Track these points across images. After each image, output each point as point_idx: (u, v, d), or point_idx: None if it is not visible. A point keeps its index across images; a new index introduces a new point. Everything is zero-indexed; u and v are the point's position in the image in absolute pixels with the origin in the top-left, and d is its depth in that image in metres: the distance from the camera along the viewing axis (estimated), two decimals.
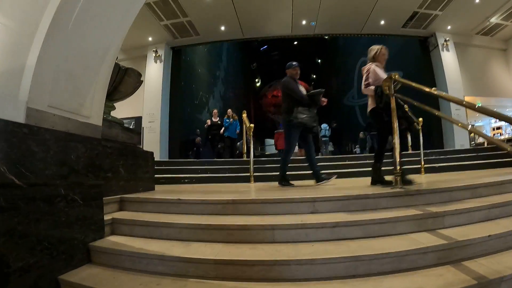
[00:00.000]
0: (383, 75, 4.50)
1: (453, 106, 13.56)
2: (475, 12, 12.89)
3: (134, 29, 13.39)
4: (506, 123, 20.47)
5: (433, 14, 12.89)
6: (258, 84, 43.77)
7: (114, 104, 4.85)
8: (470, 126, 7.46)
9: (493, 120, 21.19)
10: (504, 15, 13.01)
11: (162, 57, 14.52)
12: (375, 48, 4.86)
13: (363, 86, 4.83)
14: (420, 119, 7.92)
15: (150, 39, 14.36)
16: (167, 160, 8.95)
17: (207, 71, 20.95)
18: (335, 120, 17.80)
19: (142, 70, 14.18)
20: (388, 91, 4.14)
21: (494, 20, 13.35)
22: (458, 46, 14.45)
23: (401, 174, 3.99)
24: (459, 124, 4.03)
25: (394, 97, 4.11)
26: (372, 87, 4.57)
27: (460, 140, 13.70)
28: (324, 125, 15.05)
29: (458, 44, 14.46)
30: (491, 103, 17.13)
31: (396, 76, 4.07)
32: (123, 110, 14.56)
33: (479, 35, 14.77)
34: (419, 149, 7.95)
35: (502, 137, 19.62)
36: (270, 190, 4.56)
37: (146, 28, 13.49)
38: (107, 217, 3.28)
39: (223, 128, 12.62)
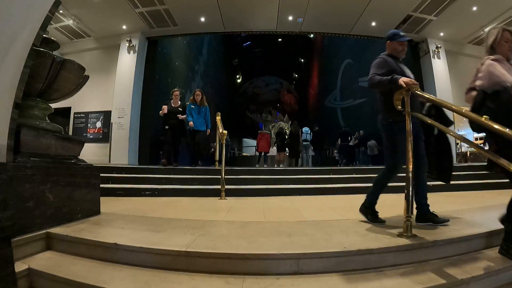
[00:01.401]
0: (505, 75, 2.82)
1: None
2: (470, 20, 12.35)
3: (107, 16, 12.51)
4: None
5: (427, 19, 12.24)
6: (239, 81, 43.05)
7: (55, 103, 3.83)
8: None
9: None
10: (499, 26, 12.36)
11: (136, 48, 13.32)
12: (494, 32, 3.14)
13: (466, 90, 3.30)
14: None
15: (124, 27, 13.18)
16: (128, 166, 7.48)
17: (185, 64, 19.80)
18: (317, 123, 16.94)
19: (114, 61, 13.38)
20: (400, 106, 3.20)
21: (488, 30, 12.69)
22: (449, 54, 13.90)
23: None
24: (451, 133, 3.13)
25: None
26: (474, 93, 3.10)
27: None
28: (305, 129, 14.13)
29: (449, 51, 13.91)
30: None
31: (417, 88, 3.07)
32: (90, 103, 13.79)
33: (471, 44, 14.31)
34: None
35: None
36: (243, 226, 3.61)
37: (120, 16, 12.37)
38: (22, 266, 2.42)
39: (184, 116, 9.16)
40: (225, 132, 6.50)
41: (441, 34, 13.24)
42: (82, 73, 3.82)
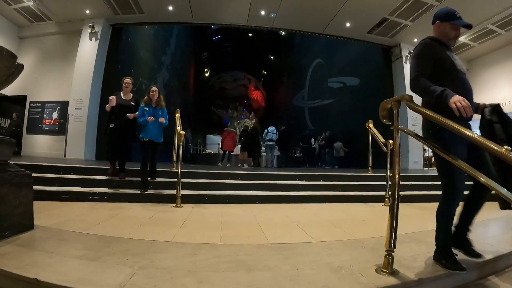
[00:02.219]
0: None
1: (410, 121, 12.97)
2: None
3: None
4: None
5: (403, 23, 12.09)
6: (207, 74, 42.27)
7: None
8: None
9: None
10: (472, 36, 12.74)
11: (99, 35, 12.41)
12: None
13: None
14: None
15: (87, 11, 12.22)
16: (78, 166, 6.31)
17: (151, 55, 18.88)
18: (284, 122, 16.55)
19: (75, 48, 12.46)
20: (385, 120, 2.75)
21: (462, 39, 12.97)
22: None
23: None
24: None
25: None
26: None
27: (415, 157, 13.15)
28: (271, 128, 13.53)
29: None
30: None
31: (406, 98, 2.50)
32: (47, 92, 12.97)
33: None
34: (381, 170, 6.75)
35: None
36: (194, 252, 3.07)
37: None
38: None
39: (134, 114, 6.37)
40: (183, 132, 5.87)
41: (415, 39, 13.10)
42: (13, 62, 3.15)
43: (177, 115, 6.51)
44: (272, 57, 39.79)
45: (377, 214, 5.12)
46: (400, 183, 2.59)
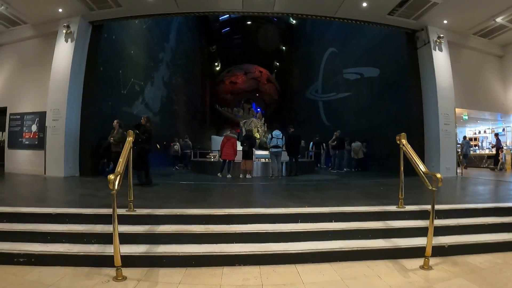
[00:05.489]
0: None
1: (441, 120, 11.01)
2: (481, 7, 10.35)
3: None
4: (481, 135, 18.81)
5: (431, 1, 9.95)
6: (218, 68, 40.68)
7: None
8: None
9: (468, 129, 19.44)
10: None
11: (75, 35, 10.83)
12: None
13: None
14: None
15: (60, 10, 10.69)
16: (13, 212, 4.82)
17: (144, 52, 17.10)
18: (292, 123, 14.68)
19: (51, 51, 11.05)
20: None
21: (499, 20, 11.01)
22: (452, 46, 11.83)
23: None
24: None
25: None
26: None
27: (447, 162, 11.23)
28: (276, 133, 11.43)
29: (451, 43, 11.84)
30: (480, 116, 15.08)
31: None
32: (26, 102, 11.75)
33: (476, 36, 12.42)
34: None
35: (479, 151, 17.83)
36: None
37: None
38: None
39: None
40: (130, 139, 4.42)
41: (445, 21, 11.07)
42: None
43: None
44: (283, 48, 37.77)
45: None
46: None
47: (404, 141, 4.88)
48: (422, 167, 4.30)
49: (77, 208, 5.07)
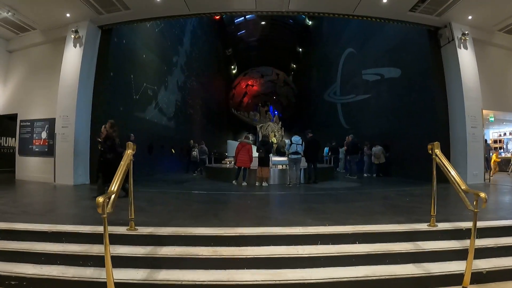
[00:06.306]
0: None
1: (468, 123, 10.33)
2: (508, 1, 9.74)
3: (45, 2, 9.78)
4: (506, 137, 18.01)
5: None
6: (234, 71, 40.52)
7: None
8: None
9: (491, 131, 18.76)
10: None
11: (83, 39, 10.62)
12: None
13: None
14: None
15: (68, 15, 10.52)
16: (9, 228, 4.54)
17: (156, 56, 16.77)
18: (310, 128, 14.01)
19: (59, 57, 10.89)
20: None
21: None
22: (477, 44, 11.18)
23: None
24: None
25: None
26: None
27: (474, 168, 10.57)
28: (295, 138, 10.94)
29: (477, 40, 11.19)
30: (506, 117, 14.39)
31: None
32: (36, 109, 11.67)
33: (502, 33, 11.70)
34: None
35: (504, 154, 17.17)
36: None
37: (59, 0, 9.88)
38: None
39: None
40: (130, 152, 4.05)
41: (470, 17, 10.45)
42: None
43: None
44: (300, 50, 37.23)
45: None
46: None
47: (437, 151, 4.32)
48: (462, 185, 3.73)
49: (75, 225, 4.68)
